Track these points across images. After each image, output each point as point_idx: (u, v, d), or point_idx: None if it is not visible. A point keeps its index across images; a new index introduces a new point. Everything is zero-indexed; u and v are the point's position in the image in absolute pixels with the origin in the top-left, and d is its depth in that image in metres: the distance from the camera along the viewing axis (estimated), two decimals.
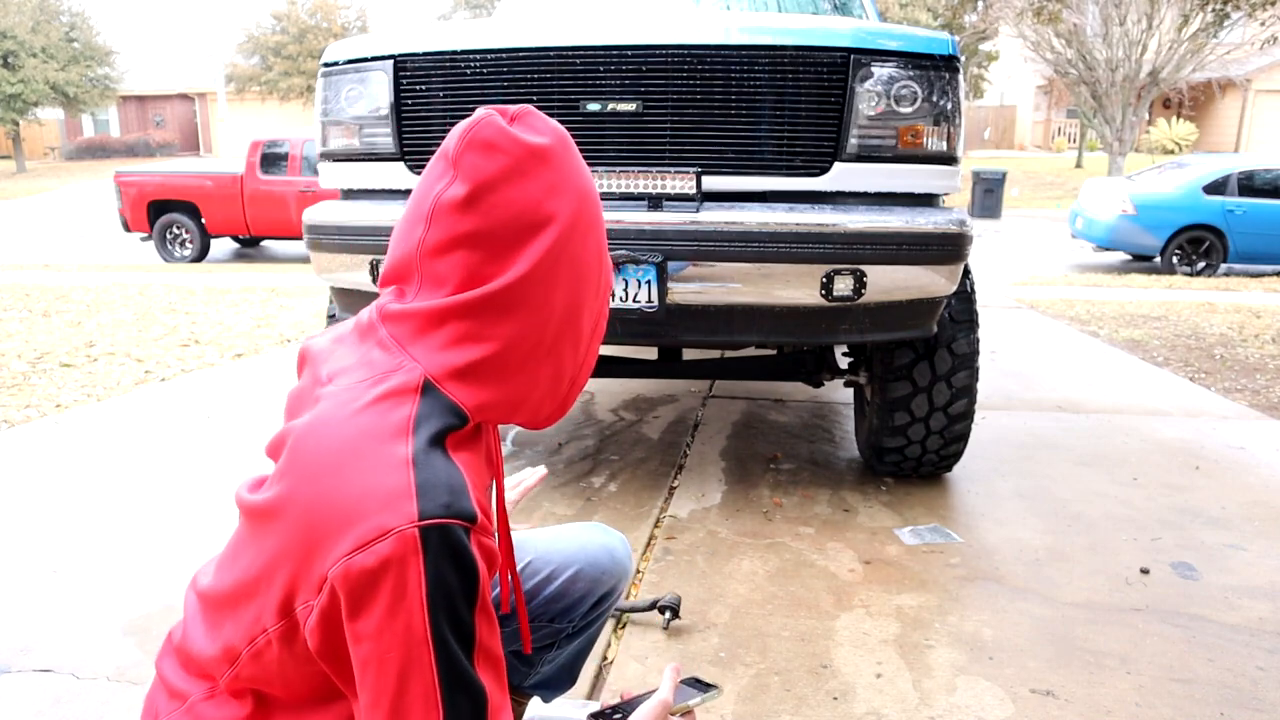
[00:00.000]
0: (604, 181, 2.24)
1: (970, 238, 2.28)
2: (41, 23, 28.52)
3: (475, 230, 0.84)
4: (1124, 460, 3.17)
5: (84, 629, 1.95)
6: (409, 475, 0.79)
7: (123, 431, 3.46)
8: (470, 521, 0.80)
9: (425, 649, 0.77)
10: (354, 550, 0.77)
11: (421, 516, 0.77)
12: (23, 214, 18.24)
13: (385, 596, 0.77)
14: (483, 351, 0.85)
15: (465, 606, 0.79)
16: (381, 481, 0.79)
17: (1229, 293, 7.88)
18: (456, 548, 0.78)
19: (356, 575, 0.77)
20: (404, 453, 0.81)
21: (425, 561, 0.77)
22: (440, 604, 0.77)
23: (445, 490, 0.80)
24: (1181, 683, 1.78)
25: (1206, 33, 16.40)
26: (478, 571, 0.79)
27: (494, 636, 0.84)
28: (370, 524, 0.77)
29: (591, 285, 0.90)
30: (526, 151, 0.85)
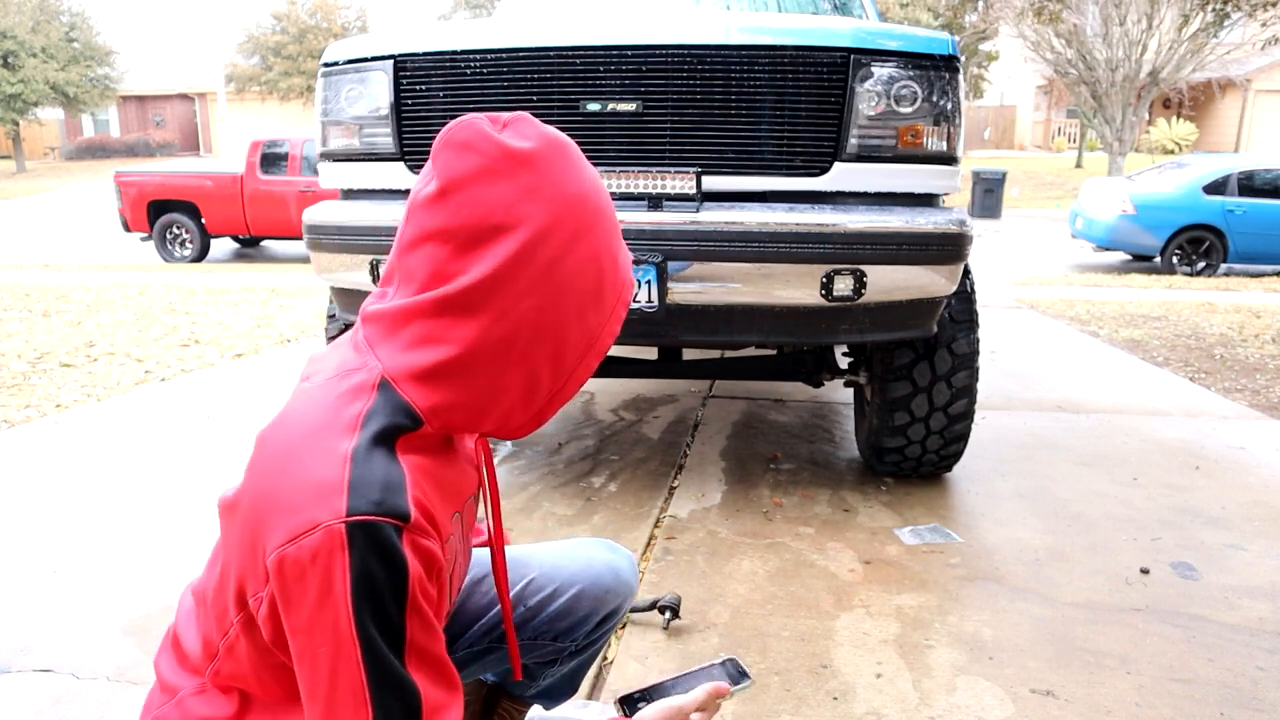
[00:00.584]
0: (604, 181, 2.24)
1: (970, 238, 2.28)
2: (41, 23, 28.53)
3: (443, 226, 0.84)
4: (1124, 460, 3.17)
5: (84, 629, 1.95)
6: (344, 471, 0.80)
7: (123, 431, 3.46)
8: (402, 520, 0.80)
9: (352, 645, 0.78)
10: (286, 542, 0.79)
11: (349, 512, 0.78)
12: (23, 214, 18.24)
13: (313, 590, 0.78)
14: (442, 354, 0.85)
15: (394, 605, 0.79)
16: (318, 475, 0.80)
17: (1229, 293, 7.88)
18: (384, 545, 0.78)
19: (287, 567, 0.79)
20: (345, 449, 0.82)
21: (351, 557, 0.77)
22: (365, 601, 0.78)
23: (378, 488, 0.80)
24: (1181, 683, 1.78)
25: (1206, 33, 16.40)
26: (407, 571, 0.79)
27: (431, 637, 0.83)
28: (302, 517, 0.78)
29: (580, 298, 0.87)
30: (502, 154, 0.84)
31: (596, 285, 0.88)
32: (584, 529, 2.55)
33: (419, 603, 0.81)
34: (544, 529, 2.55)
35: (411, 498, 0.82)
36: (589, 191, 0.88)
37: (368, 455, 0.82)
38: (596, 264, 0.87)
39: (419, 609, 0.81)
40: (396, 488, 0.81)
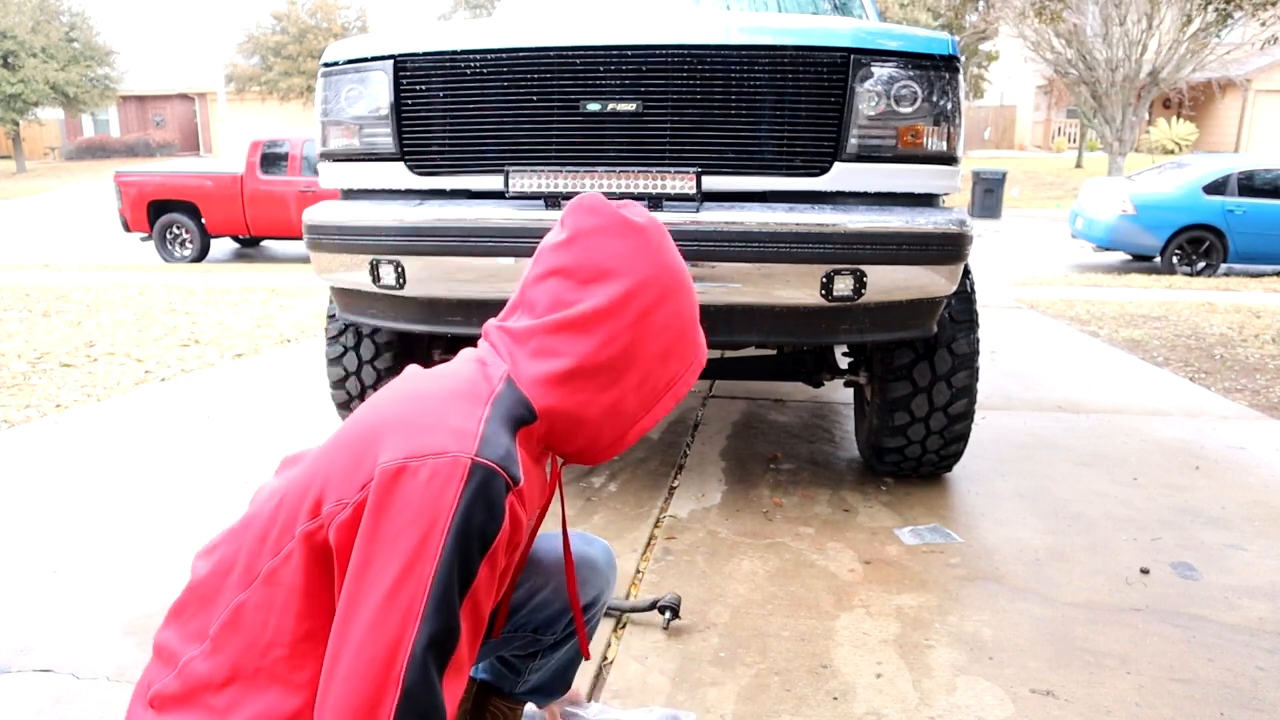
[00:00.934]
0: (604, 181, 2.24)
1: (970, 238, 2.28)
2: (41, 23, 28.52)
3: (566, 265, 1.05)
4: (1124, 460, 3.17)
5: (84, 629, 1.95)
6: (480, 425, 0.93)
7: (123, 431, 3.46)
8: (514, 480, 0.91)
9: (432, 563, 0.85)
10: (411, 455, 0.88)
11: (479, 454, 0.89)
12: (23, 214, 18.24)
13: (416, 503, 0.86)
14: (559, 364, 1.02)
15: (478, 549, 0.87)
16: (455, 421, 0.93)
17: (1229, 293, 7.88)
18: (493, 494, 0.89)
19: (404, 475, 0.87)
20: (482, 412, 0.95)
21: (466, 489, 0.87)
22: (461, 530, 0.86)
23: (504, 450, 0.92)
24: (1181, 683, 1.78)
25: (1207, 33, 16.39)
26: (502, 523, 0.89)
27: (488, 594, 0.91)
28: (434, 441, 0.90)
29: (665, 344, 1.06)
30: (620, 220, 1.06)
31: (679, 337, 1.08)
32: (584, 529, 2.55)
33: (496, 557, 0.90)
34: (544, 529, 2.55)
35: (523, 469, 0.96)
36: (680, 268, 1.10)
37: (498, 425, 0.95)
38: (680, 321, 1.08)
39: (494, 562, 0.90)
40: (514, 459, 0.94)
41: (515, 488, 0.92)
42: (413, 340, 2.98)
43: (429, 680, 0.84)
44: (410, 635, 0.83)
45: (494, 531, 0.88)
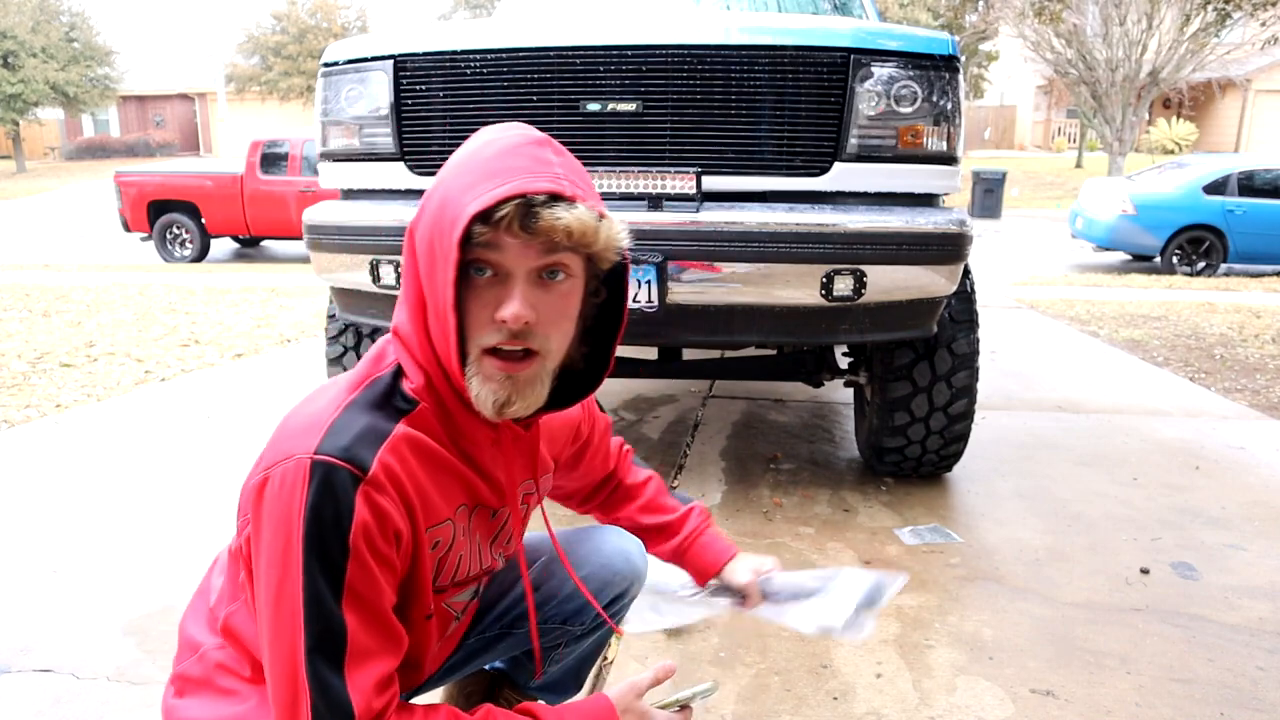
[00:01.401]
0: (604, 181, 2.24)
1: (970, 238, 2.28)
2: (41, 23, 28.52)
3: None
4: (1124, 460, 3.17)
5: (84, 629, 1.95)
6: (332, 416, 0.91)
7: (123, 431, 3.46)
8: (360, 470, 0.87)
9: (297, 570, 0.85)
10: (267, 466, 0.89)
11: (317, 450, 0.87)
12: (23, 214, 18.24)
13: (276, 514, 0.87)
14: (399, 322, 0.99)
15: (336, 545, 0.86)
16: (311, 414, 0.92)
17: (1229, 293, 7.88)
18: (336, 489, 0.86)
19: (259, 489, 0.89)
20: (343, 400, 0.93)
21: (309, 491, 0.86)
22: (313, 534, 0.85)
23: (352, 436, 0.89)
24: (1181, 683, 1.78)
25: (1207, 33, 16.39)
26: (352, 517, 0.86)
27: (373, 588, 0.89)
28: (285, 446, 0.89)
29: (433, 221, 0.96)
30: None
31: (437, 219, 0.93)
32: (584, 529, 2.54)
33: (362, 551, 0.87)
34: None
35: (380, 458, 0.89)
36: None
37: (360, 408, 0.92)
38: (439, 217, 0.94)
39: (361, 557, 0.87)
40: (370, 441, 0.90)
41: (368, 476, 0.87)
42: None
43: (324, 681, 0.86)
44: (299, 642, 0.85)
45: (345, 526, 0.86)
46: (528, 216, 0.87)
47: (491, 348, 0.91)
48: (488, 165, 0.90)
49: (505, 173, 0.88)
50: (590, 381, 1.06)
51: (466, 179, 0.90)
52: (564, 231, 0.87)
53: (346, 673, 0.87)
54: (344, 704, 0.86)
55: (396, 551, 0.91)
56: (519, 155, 0.90)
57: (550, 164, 0.91)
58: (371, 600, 0.89)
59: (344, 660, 0.87)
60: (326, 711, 0.85)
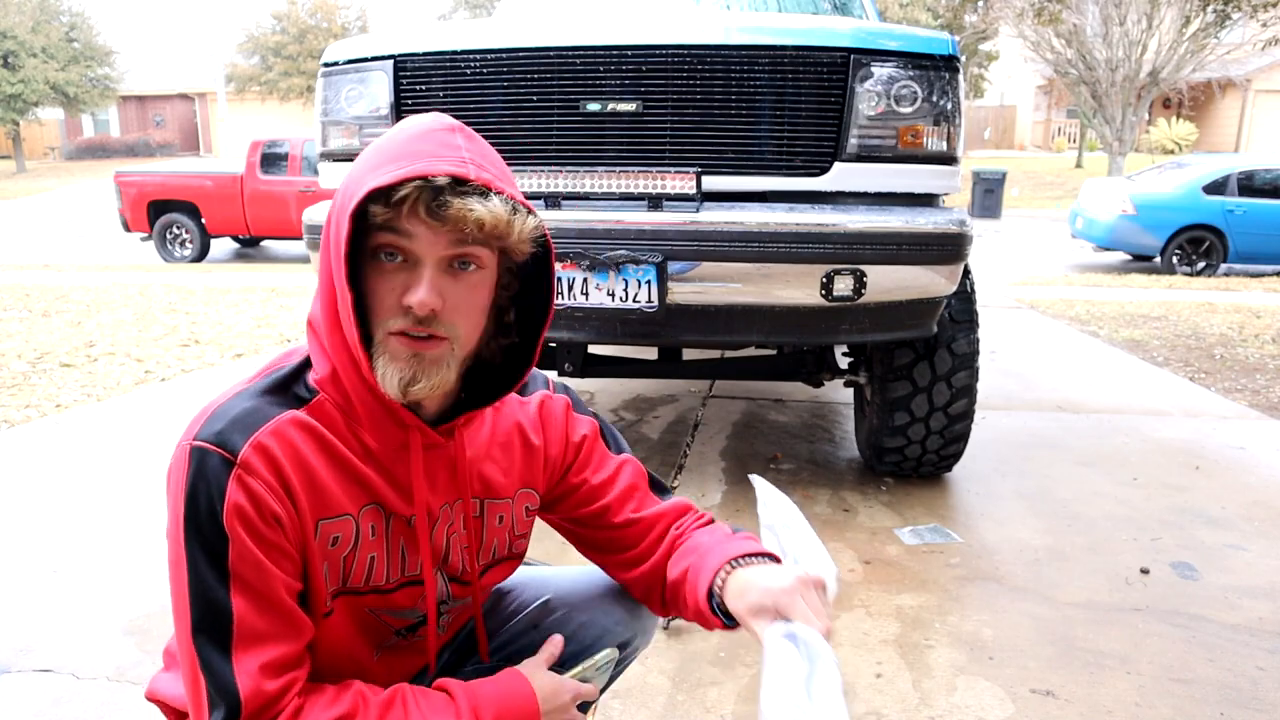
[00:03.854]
0: (604, 181, 2.24)
1: (970, 238, 2.28)
2: (41, 23, 28.52)
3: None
4: (1124, 460, 3.17)
5: (84, 629, 1.95)
6: (216, 404, 0.93)
7: (123, 431, 3.46)
8: (231, 454, 0.88)
9: (180, 553, 0.88)
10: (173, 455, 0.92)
11: (195, 438, 0.89)
12: (23, 214, 18.24)
13: (168, 499, 0.91)
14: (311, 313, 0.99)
15: (211, 529, 0.87)
16: (205, 405, 0.94)
17: (1229, 293, 7.88)
18: (208, 473, 0.88)
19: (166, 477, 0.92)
20: (238, 388, 0.95)
21: (187, 476, 0.88)
22: (190, 517, 0.88)
23: (227, 422, 0.90)
24: (1181, 683, 1.78)
25: (1207, 33, 16.39)
26: (223, 501, 0.87)
27: (260, 573, 0.89)
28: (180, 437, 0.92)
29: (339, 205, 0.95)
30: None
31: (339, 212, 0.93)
32: None
33: (240, 534, 0.88)
34: (544, 529, 2.55)
35: (255, 441, 0.90)
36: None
37: (250, 395, 0.94)
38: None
39: (241, 541, 0.88)
40: (245, 427, 0.90)
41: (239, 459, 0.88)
42: None
43: (210, 662, 0.87)
44: (188, 625, 0.88)
45: (219, 511, 0.87)
46: (436, 203, 0.86)
47: (398, 330, 0.91)
48: (394, 149, 0.90)
49: (410, 156, 0.88)
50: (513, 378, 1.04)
51: (372, 161, 0.90)
52: (475, 223, 0.87)
53: (234, 655, 0.87)
54: (229, 685, 0.87)
55: (283, 536, 0.91)
56: (426, 140, 0.90)
57: (457, 148, 0.90)
58: (259, 584, 0.89)
59: (230, 642, 0.87)
60: (215, 693, 0.87)
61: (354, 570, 0.99)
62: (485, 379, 1.03)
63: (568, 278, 2.25)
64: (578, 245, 2.21)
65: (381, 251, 0.90)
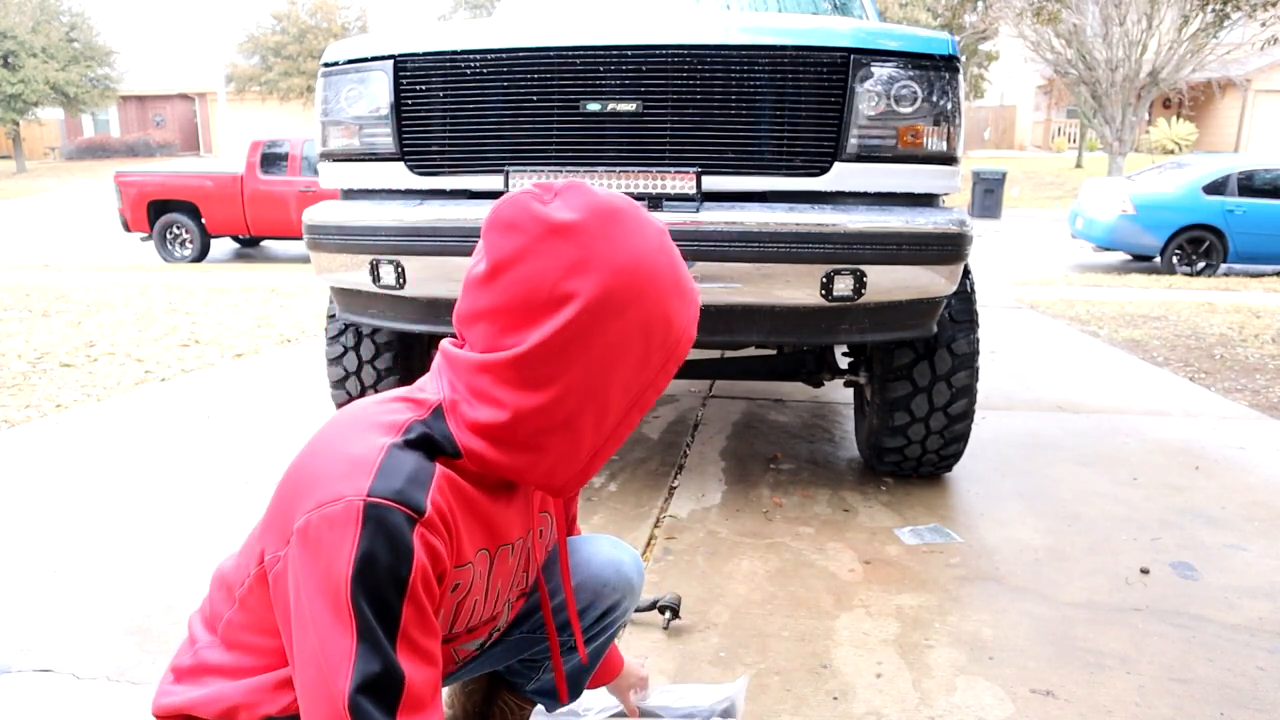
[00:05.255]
0: (604, 181, 2.24)
1: (970, 238, 2.28)
2: (41, 23, 28.54)
3: (492, 306, 0.89)
4: (1124, 460, 3.17)
5: (84, 629, 1.95)
6: (378, 457, 0.87)
7: (123, 431, 3.46)
8: (416, 512, 0.85)
9: (348, 617, 0.82)
10: (314, 508, 0.85)
11: (370, 493, 0.84)
12: (23, 214, 18.24)
13: (325, 557, 0.83)
14: (493, 416, 0.89)
15: (392, 589, 0.83)
16: (355, 455, 0.88)
17: (1229, 293, 7.88)
18: (393, 531, 0.83)
19: (310, 531, 0.84)
20: (384, 442, 0.89)
21: (362, 534, 0.82)
22: (365, 577, 0.82)
23: (403, 478, 0.86)
24: (1181, 683, 1.78)
25: (1206, 33, 16.39)
26: (412, 559, 0.84)
27: (426, 632, 0.86)
28: (330, 489, 0.85)
29: (627, 360, 0.90)
30: (545, 229, 0.87)
31: (644, 350, 0.91)
32: (584, 529, 2.55)
33: (418, 594, 0.84)
34: None
35: (432, 498, 0.87)
36: (641, 257, 0.89)
37: (403, 452, 0.88)
38: (645, 330, 0.90)
39: (418, 600, 0.85)
40: (420, 483, 0.87)
41: (423, 518, 0.85)
42: (412, 340, 2.98)
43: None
44: (345, 687, 0.81)
45: (405, 569, 0.83)
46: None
47: None
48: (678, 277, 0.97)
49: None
50: None
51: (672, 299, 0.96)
52: None
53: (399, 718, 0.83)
54: None
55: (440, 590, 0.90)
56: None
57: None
58: (425, 646, 0.86)
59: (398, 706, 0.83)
60: None
61: (460, 616, 1.00)
62: None
63: None
64: None
65: None
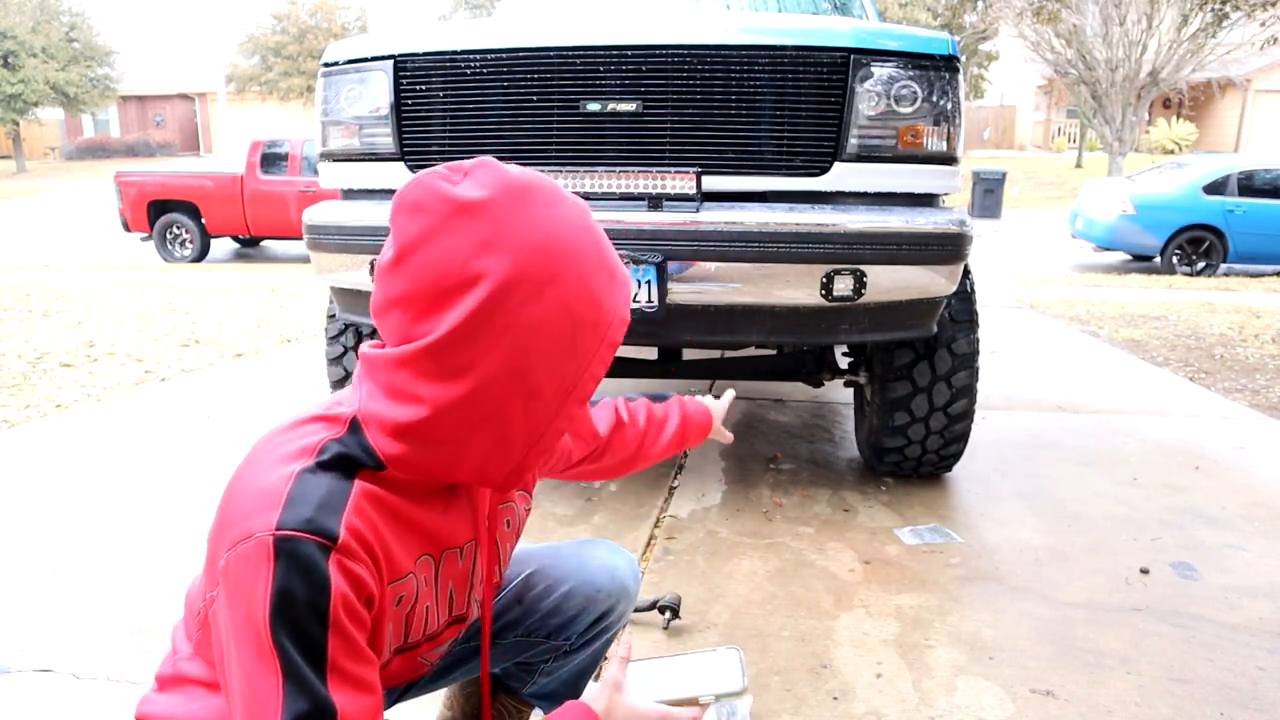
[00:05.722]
0: (604, 181, 2.24)
1: (970, 238, 2.28)
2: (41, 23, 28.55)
3: (402, 293, 0.84)
4: (1124, 460, 3.17)
5: (84, 629, 1.95)
6: (285, 488, 0.83)
7: (123, 431, 3.46)
8: (329, 540, 0.81)
9: (271, 657, 0.79)
10: (229, 548, 0.82)
11: (279, 526, 0.80)
12: (23, 214, 18.24)
13: (243, 598, 0.80)
14: (410, 413, 0.85)
15: (313, 622, 0.79)
16: (264, 487, 0.84)
17: (1229, 293, 7.88)
18: (306, 563, 0.79)
19: (229, 572, 0.82)
20: (293, 469, 0.84)
21: (275, 570, 0.79)
22: (284, 614, 0.78)
23: (312, 506, 0.82)
24: (1181, 683, 1.78)
25: (1206, 33, 16.39)
26: (329, 590, 0.80)
27: (357, 659, 0.83)
28: (242, 527, 0.82)
29: (552, 345, 0.84)
30: (452, 209, 0.82)
31: (571, 333, 0.85)
32: (584, 529, 2.55)
33: (342, 623, 0.81)
34: (544, 529, 2.55)
35: (346, 522, 0.83)
36: (557, 235, 0.84)
37: (314, 476, 0.84)
38: (569, 312, 0.84)
39: (342, 629, 0.81)
40: (332, 508, 0.83)
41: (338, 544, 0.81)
42: None
43: None
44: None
45: (324, 602, 0.79)
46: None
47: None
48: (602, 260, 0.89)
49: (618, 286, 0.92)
50: None
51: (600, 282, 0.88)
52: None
53: None
54: None
55: (370, 614, 0.86)
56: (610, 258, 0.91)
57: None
58: (356, 672, 0.83)
59: None
60: None
61: (413, 625, 0.96)
62: None
63: None
64: None
65: None
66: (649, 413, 1.48)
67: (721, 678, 1.01)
